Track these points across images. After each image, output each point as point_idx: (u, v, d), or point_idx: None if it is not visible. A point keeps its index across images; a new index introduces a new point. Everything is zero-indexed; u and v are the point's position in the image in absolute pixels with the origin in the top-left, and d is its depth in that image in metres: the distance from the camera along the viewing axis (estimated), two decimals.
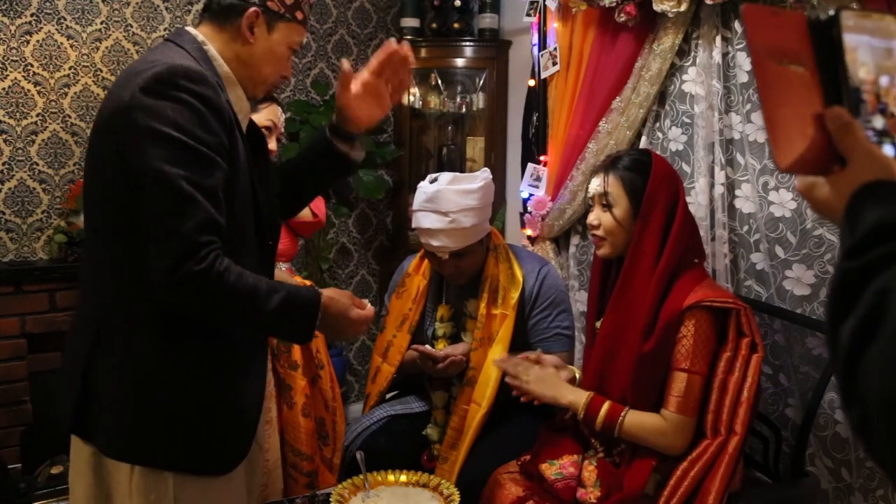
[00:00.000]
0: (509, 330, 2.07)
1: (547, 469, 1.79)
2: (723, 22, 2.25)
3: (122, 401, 1.29)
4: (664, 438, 1.66)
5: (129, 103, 1.22)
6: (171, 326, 1.29)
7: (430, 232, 2.02)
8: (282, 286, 1.32)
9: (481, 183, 2.06)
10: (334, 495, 1.70)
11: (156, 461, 1.30)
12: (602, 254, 1.82)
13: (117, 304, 1.30)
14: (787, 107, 0.74)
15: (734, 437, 1.63)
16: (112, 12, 3.06)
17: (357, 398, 3.83)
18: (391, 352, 2.21)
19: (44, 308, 2.81)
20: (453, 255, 2.04)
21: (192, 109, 1.22)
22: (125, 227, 1.26)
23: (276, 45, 1.40)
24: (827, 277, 2.07)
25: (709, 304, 1.65)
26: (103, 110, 1.30)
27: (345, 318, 1.40)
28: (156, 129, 1.20)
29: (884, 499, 1.96)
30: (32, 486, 2.59)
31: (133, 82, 1.24)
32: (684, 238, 1.74)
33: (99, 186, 1.31)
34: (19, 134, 2.91)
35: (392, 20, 3.83)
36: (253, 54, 1.39)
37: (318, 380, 2.20)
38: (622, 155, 1.83)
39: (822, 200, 0.76)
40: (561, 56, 2.67)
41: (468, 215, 2.01)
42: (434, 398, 2.18)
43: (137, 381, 1.29)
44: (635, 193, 1.74)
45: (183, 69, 1.24)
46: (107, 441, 1.30)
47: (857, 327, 0.61)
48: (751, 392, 1.64)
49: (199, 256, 1.19)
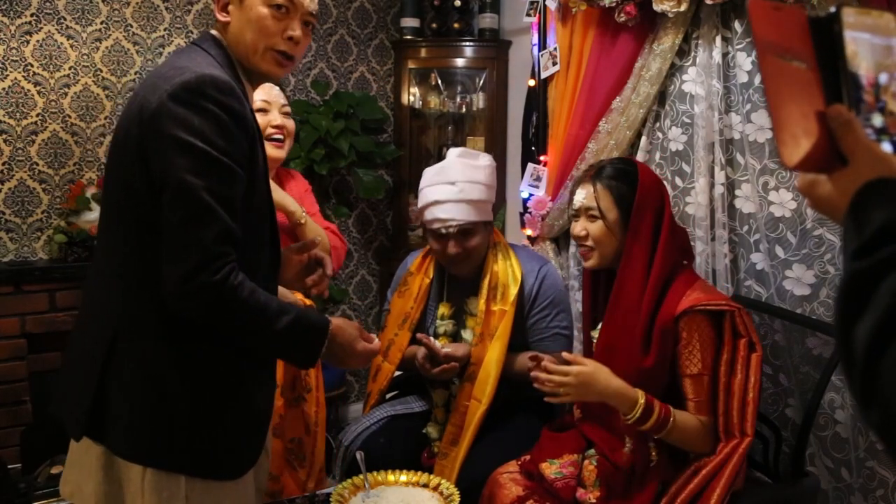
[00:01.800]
0: (508, 326, 2.08)
1: (547, 468, 1.79)
2: (723, 22, 2.25)
3: (138, 404, 1.29)
4: (703, 440, 1.66)
5: (157, 110, 1.22)
6: (189, 331, 1.29)
7: (438, 204, 2.05)
8: (292, 308, 1.32)
9: (487, 162, 2.15)
10: (334, 495, 1.70)
11: (170, 464, 1.29)
12: (590, 265, 1.82)
13: (134, 307, 1.30)
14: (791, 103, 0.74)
15: (746, 438, 1.64)
16: (112, 12, 3.06)
17: (357, 398, 3.83)
18: (392, 350, 2.21)
19: (44, 308, 2.81)
20: (460, 232, 2.06)
21: (218, 120, 1.22)
22: (144, 231, 1.26)
23: (250, 11, 1.34)
24: (827, 277, 2.07)
25: (702, 308, 1.65)
26: (129, 112, 1.30)
27: (351, 348, 1.41)
28: (181, 138, 1.20)
29: (884, 499, 1.96)
30: (32, 486, 2.59)
31: (161, 88, 1.24)
32: (673, 244, 1.74)
33: (119, 188, 1.30)
34: (19, 134, 2.91)
35: (392, 20, 3.83)
36: (234, 31, 1.36)
37: (303, 402, 2.16)
38: (605, 165, 1.82)
39: (823, 198, 0.76)
40: (561, 56, 2.67)
41: (475, 188, 2.07)
42: (434, 396, 2.19)
43: (154, 385, 1.29)
44: (623, 203, 1.74)
45: (211, 78, 1.24)
46: (121, 442, 1.29)
47: (874, 328, 0.60)
48: (755, 392, 1.65)
49: (215, 267, 1.20)
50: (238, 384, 1.36)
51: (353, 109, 3.52)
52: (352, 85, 3.75)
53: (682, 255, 1.78)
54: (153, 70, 1.39)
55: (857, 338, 0.62)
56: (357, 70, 3.76)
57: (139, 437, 1.29)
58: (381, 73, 3.83)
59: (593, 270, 1.86)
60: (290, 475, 2.12)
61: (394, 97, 3.81)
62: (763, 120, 2.18)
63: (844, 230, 0.70)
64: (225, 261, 1.22)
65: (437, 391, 2.19)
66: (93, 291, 1.40)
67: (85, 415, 1.30)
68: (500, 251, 2.17)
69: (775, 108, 0.74)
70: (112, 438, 1.30)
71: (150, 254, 1.25)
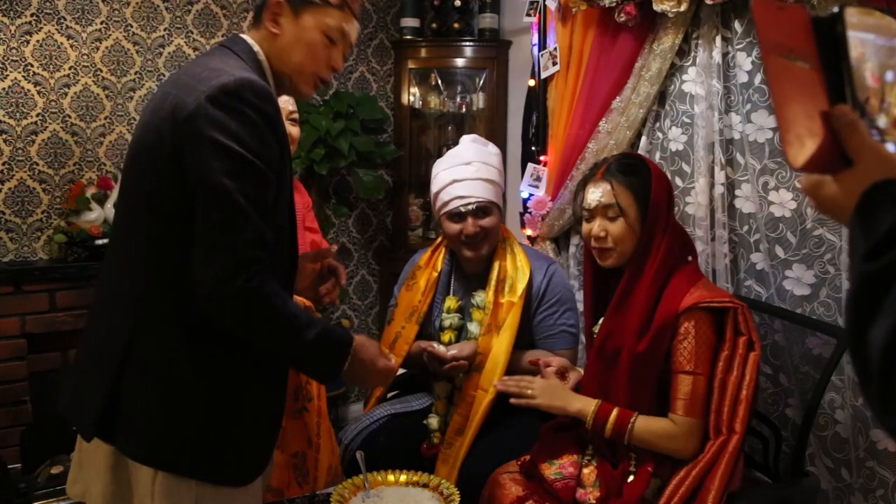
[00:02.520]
0: (516, 318, 2.09)
1: (546, 469, 1.79)
2: (723, 22, 2.25)
3: (153, 406, 1.28)
4: (675, 442, 1.66)
5: (194, 111, 1.21)
6: (207, 334, 1.28)
7: (457, 182, 2.11)
8: (318, 321, 1.32)
9: (495, 150, 2.24)
10: (334, 495, 1.70)
11: (182, 468, 1.28)
12: (608, 264, 1.78)
13: (154, 309, 1.28)
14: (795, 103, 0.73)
15: (734, 436, 1.63)
16: (112, 12, 3.06)
17: (357, 398, 3.83)
18: (399, 343, 2.23)
19: (44, 308, 2.80)
20: (479, 210, 2.10)
21: (254, 124, 1.23)
22: (167, 232, 1.26)
23: (304, 32, 1.36)
24: (827, 277, 2.07)
25: (706, 305, 1.65)
26: (159, 112, 1.27)
27: (372, 365, 1.41)
28: (219, 141, 1.20)
29: (884, 499, 1.96)
30: (32, 486, 2.59)
31: (197, 90, 1.23)
32: (677, 238, 1.74)
33: (144, 188, 1.29)
34: (19, 134, 2.91)
35: (392, 20, 3.83)
36: (281, 46, 1.37)
37: (305, 413, 2.14)
38: (613, 161, 1.80)
39: (828, 199, 0.75)
40: (561, 56, 2.67)
41: (489, 170, 2.14)
42: (437, 388, 2.20)
43: (170, 387, 1.28)
44: (641, 198, 1.73)
45: (249, 83, 1.24)
46: (133, 444, 1.28)
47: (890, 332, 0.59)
48: (749, 390, 1.64)
49: (250, 273, 1.20)
50: (253, 389, 1.35)
51: (353, 109, 3.52)
52: (352, 85, 3.74)
53: (685, 248, 1.77)
54: (184, 69, 1.36)
55: (872, 342, 0.60)
56: (357, 70, 3.76)
57: (152, 440, 1.28)
58: (381, 72, 3.83)
59: (595, 268, 1.85)
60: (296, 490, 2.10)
61: (394, 97, 3.81)
62: (763, 120, 2.18)
63: (851, 232, 0.70)
64: (259, 266, 1.21)
65: (439, 383, 2.20)
66: (107, 291, 1.38)
67: (98, 415, 1.29)
68: (509, 246, 2.20)
69: (780, 108, 0.74)
70: (124, 440, 1.29)
71: (172, 255, 1.25)
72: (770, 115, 2.16)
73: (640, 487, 1.66)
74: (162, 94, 1.32)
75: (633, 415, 1.69)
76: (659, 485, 1.68)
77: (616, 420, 1.69)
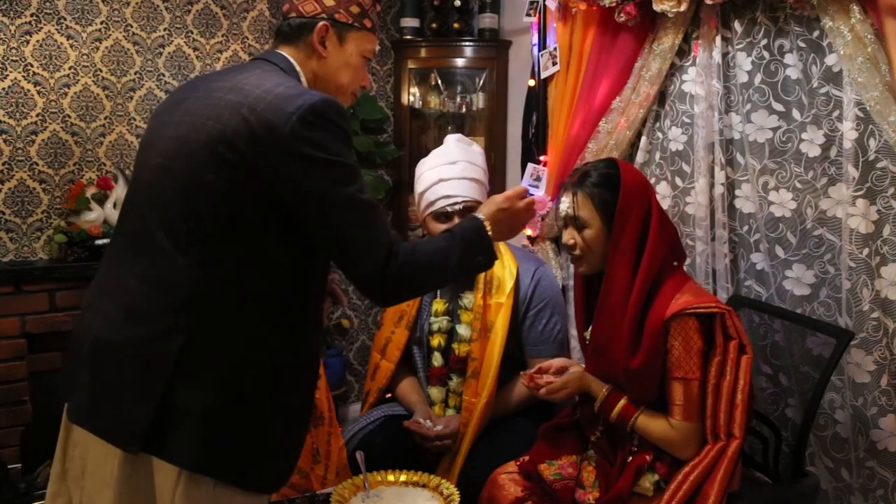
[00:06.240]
0: (506, 319, 2.10)
1: (546, 469, 1.80)
2: (723, 22, 2.25)
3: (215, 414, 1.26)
4: (674, 447, 1.67)
5: (290, 135, 1.25)
6: (266, 338, 1.30)
7: (443, 182, 2.10)
8: (447, 237, 1.42)
9: (479, 149, 2.24)
10: (334, 495, 1.70)
11: (226, 475, 1.27)
12: (582, 272, 1.83)
13: (207, 313, 1.27)
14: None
15: (734, 441, 1.63)
16: (112, 12, 3.06)
17: (356, 398, 3.83)
18: (389, 348, 2.23)
19: (44, 308, 2.81)
20: (464, 210, 2.09)
21: (342, 138, 1.32)
22: (230, 234, 1.27)
23: (349, 56, 1.47)
24: (827, 277, 2.07)
25: (692, 311, 1.64)
26: (220, 118, 1.28)
27: (511, 213, 1.51)
28: (321, 158, 1.28)
29: (884, 499, 1.96)
30: (32, 486, 2.59)
31: (284, 110, 1.25)
32: (661, 246, 1.71)
33: (197, 189, 1.28)
34: (19, 134, 2.91)
35: (392, 20, 3.83)
36: (328, 68, 1.46)
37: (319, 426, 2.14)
38: (589, 170, 1.79)
39: None
40: (561, 56, 2.67)
41: (475, 169, 2.14)
42: (431, 394, 2.19)
43: (230, 394, 1.27)
44: (606, 210, 1.72)
45: (333, 102, 1.33)
46: (177, 452, 1.25)
47: None
48: (744, 394, 1.64)
49: (396, 250, 1.32)
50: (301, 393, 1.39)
51: (352, 109, 3.52)
52: None
53: (672, 254, 1.76)
54: (241, 80, 1.34)
55: None
56: None
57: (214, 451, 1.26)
58: (380, 72, 3.83)
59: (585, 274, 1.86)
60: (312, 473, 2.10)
61: (394, 97, 3.81)
62: (763, 120, 2.18)
63: None
64: (398, 245, 1.33)
65: (432, 389, 2.20)
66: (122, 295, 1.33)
67: (145, 429, 1.24)
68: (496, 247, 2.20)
69: None
70: (179, 451, 1.25)
71: (230, 260, 1.28)
72: (770, 115, 2.16)
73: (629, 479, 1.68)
74: (215, 98, 1.32)
75: (636, 411, 1.71)
76: (657, 481, 1.68)
77: (620, 412, 1.72)
